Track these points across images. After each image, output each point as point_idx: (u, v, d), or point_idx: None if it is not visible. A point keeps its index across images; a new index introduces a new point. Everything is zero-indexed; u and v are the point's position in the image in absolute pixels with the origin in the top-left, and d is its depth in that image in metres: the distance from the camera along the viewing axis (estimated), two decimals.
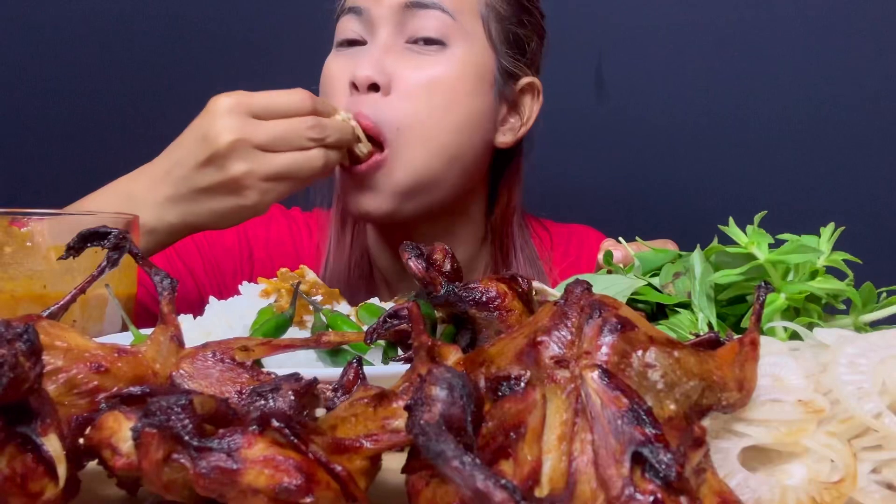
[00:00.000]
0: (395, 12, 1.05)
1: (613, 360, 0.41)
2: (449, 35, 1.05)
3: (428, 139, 1.04)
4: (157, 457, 0.36)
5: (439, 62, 1.05)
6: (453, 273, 0.64)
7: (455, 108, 1.06)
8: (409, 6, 1.04)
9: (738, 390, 0.43)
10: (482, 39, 1.09)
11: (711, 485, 0.36)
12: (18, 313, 0.60)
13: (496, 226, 1.21)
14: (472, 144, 1.10)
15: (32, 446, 0.38)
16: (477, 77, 1.08)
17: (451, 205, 1.14)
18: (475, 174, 1.15)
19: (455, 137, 1.07)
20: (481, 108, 1.10)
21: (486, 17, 1.09)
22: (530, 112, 1.17)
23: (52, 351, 0.47)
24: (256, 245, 1.23)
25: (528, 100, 1.17)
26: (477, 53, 1.08)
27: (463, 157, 1.09)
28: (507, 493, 0.32)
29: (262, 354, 0.55)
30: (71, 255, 0.58)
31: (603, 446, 0.37)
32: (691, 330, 0.66)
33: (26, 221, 0.80)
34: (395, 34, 1.06)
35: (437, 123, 1.05)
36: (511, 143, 1.16)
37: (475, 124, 1.09)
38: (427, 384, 0.37)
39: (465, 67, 1.07)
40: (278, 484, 0.36)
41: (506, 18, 1.11)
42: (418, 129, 1.04)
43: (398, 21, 1.05)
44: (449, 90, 1.05)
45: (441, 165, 1.07)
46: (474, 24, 1.08)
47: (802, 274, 0.66)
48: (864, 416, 0.43)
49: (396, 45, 1.05)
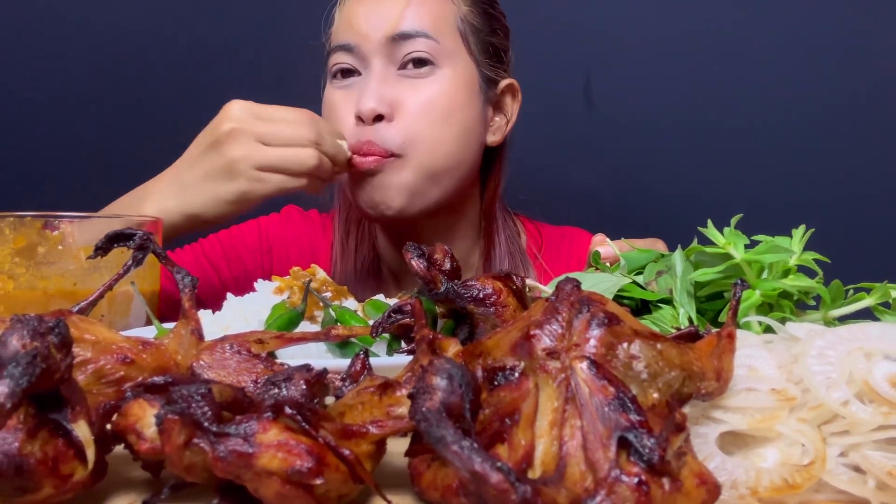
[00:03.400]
0: (384, 45, 1.06)
1: (601, 351, 0.41)
2: (436, 56, 1.07)
3: (432, 149, 1.06)
4: (179, 441, 0.36)
5: (432, 83, 1.07)
6: (452, 271, 0.64)
7: (452, 121, 1.08)
8: (395, 38, 1.05)
9: (717, 380, 0.43)
10: (464, 54, 1.10)
11: (691, 467, 0.37)
12: (50, 309, 0.60)
13: (485, 216, 1.22)
14: (470, 148, 1.12)
15: (63, 432, 0.38)
16: (466, 90, 1.10)
17: (450, 203, 1.15)
18: (471, 174, 1.16)
19: (455, 145, 1.08)
20: (474, 115, 1.11)
21: (464, 32, 1.10)
22: (512, 110, 1.19)
23: (81, 343, 0.47)
24: (275, 243, 1.24)
25: (508, 99, 1.18)
26: (462, 68, 1.10)
27: (464, 161, 1.11)
28: (502, 475, 0.32)
29: (275, 347, 0.55)
30: (99, 254, 0.58)
31: (591, 431, 0.37)
32: (673, 324, 0.66)
33: (58, 224, 0.80)
34: (386, 64, 1.07)
35: (439, 135, 1.06)
36: (499, 140, 1.18)
37: (471, 130, 1.11)
38: (428, 374, 0.37)
39: (455, 83, 1.08)
40: (291, 466, 0.36)
41: (480, 30, 1.12)
42: (423, 143, 1.05)
43: (387, 52, 1.06)
44: (445, 107, 1.07)
45: (445, 169, 1.08)
46: (456, 42, 1.10)
47: (776, 272, 0.66)
48: (832, 403, 0.43)
49: (390, 74, 1.06)
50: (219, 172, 0.95)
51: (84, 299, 0.56)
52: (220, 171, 0.95)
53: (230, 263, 1.21)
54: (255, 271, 1.18)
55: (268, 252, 1.23)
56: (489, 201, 1.22)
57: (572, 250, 1.26)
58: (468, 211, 1.21)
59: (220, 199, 0.95)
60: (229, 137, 0.94)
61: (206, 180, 0.96)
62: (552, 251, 1.26)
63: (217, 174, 0.95)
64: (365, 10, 1.08)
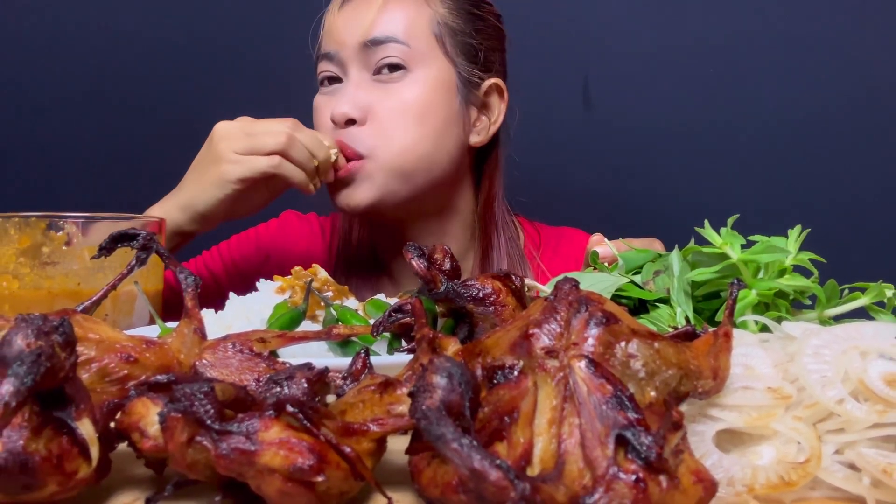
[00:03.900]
0: (358, 51, 1.10)
1: (599, 350, 0.41)
2: (408, 60, 1.09)
3: (403, 150, 1.08)
4: (182, 439, 0.36)
5: (404, 87, 1.09)
6: (452, 271, 0.64)
7: (425, 123, 1.09)
8: (367, 45, 1.09)
9: (713, 378, 0.43)
10: (440, 56, 1.11)
11: (688, 464, 0.36)
12: (55, 308, 0.60)
13: (481, 215, 1.22)
14: (444, 149, 1.12)
15: (68, 430, 0.38)
16: (440, 91, 1.11)
17: (439, 203, 1.17)
18: (454, 173, 1.16)
19: (428, 146, 1.10)
20: (448, 116, 1.12)
21: (441, 35, 1.11)
22: (498, 111, 1.19)
23: (85, 342, 0.47)
24: (273, 250, 1.26)
25: (495, 100, 1.18)
26: (437, 70, 1.11)
27: (438, 161, 1.12)
28: (501, 472, 0.32)
29: (277, 345, 0.55)
30: (103, 254, 0.58)
31: (589, 429, 0.37)
32: (670, 323, 0.66)
33: (62, 225, 0.80)
34: (361, 70, 1.10)
35: (411, 136, 1.09)
36: (484, 141, 1.18)
37: (445, 131, 1.12)
38: (428, 373, 0.37)
39: (427, 86, 1.10)
40: (293, 464, 0.36)
41: (459, 32, 1.13)
42: (392, 145, 1.08)
43: (362, 58, 1.10)
44: (418, 108, 1.09)
45: (417, 168, 1.10)
46: (430, 45, 1.11)
47: (772, 272, 0.66)
48: (827, 401, 0.43)
49: (365, 80, 1.10)
50: (207, 163, 1.04)
51: (88, 299, 0.56)
52: (208, 161, 1.04)
53: (230, 274, 1.24)
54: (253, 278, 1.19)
55: (265, 261, 1.25)
56: (484, 203, 1.21)
57: (569, 251, 1.27)
58: (460, 212, 1.21)
59: (205, 182, 1.03)
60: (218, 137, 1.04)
61: (195, 171, 1.06)
62: (549, 251, 1.27)
63: (205, 165, 1.04)
64: (343, 19, 1.12)
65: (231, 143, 1.02)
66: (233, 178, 1.01)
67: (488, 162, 1.22)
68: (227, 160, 1.01)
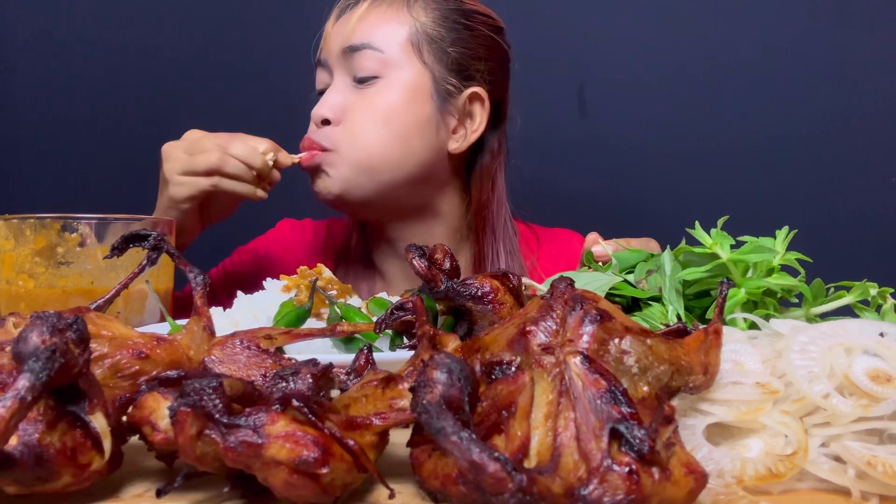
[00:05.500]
0: (340, 58, 1.12)
1: (593, 347, 0.41)
2: (381, 66, 1.10)
3: (366, 147, 1.09)
4: (192, 432, 0.36)
5: (378, 92, 1.10)
6: (452, 271, 0.64)
7: (390, 124, 1.10)
8: (346, 51, 1.10)
9: (704, 374, 0.43)
10: (415, 63, 1.11)
11: (680, 457, 0.36)
12: (69, 306, 0.60)
13: (471, 221, 1.21)
14: (412, 150, 1.11)
15: (81, 423, 0.38)
16: (411, 96, 1.11)
17: (418, 205, 1.17)
18: (428, 176, 1.15)
19: (393, 147, 1.10)
20: (418, 118, 1.11)
21: (418, 42, 1.11)
22: (480, 119, 1.16)
23: (98, 339, 0.47)
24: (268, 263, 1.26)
25: (477, 108, 1.16)
26: (411, 74, 1.11)
27: (405, 162, 1.11)
28: (499, 465, 0.32)
29: (283, 342, 0.55)
30: (115, 254, 0.58)
31: (584, 423, 0.37)
32: (662, 321, 0.66)
33: (76, 226, 0.80)
34: (344, 75, 1.12)
35: (376, 136, 1.09)
36: (461, 148, 1.16)
37: (414, 133, 1.11)
38: (429, 368, 0.37)
39: (398, 90, 1.10)
40: (298, 456, 0.36)
41: (438, 41, 1.12)
42: (357, 141, 1.09)
43: (344, 64, 1.11)
44: (384, 111, 1.10)
45: (381, 166, 1.10)
46: (406, 51, 1.11)
47: (760, 271, 0.66)
48: (814, 396, 0.43)
49: (346, 85, 1.12)
50: (161, 184, 1.06)
51: (101, 297, 0.56)
52: (162, 181, 1.06)
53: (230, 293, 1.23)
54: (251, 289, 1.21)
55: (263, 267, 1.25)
56: (475, 209, 1.19)
57: (564, 252, 1.26)
58: (444, 215, 1.19)
59: (164, 201, 1.05)
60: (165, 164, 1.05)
61: (159, 190, 1.07)
62: (544, 253, 1.26)
63: (161, 185, 1.06)
64: (334, 29, 1.14)
65: (173, 165, 1.03)
66: (180, 199, 1.03)
67: (474, 169, 1.20)
68: (173, 182, 1.03)
